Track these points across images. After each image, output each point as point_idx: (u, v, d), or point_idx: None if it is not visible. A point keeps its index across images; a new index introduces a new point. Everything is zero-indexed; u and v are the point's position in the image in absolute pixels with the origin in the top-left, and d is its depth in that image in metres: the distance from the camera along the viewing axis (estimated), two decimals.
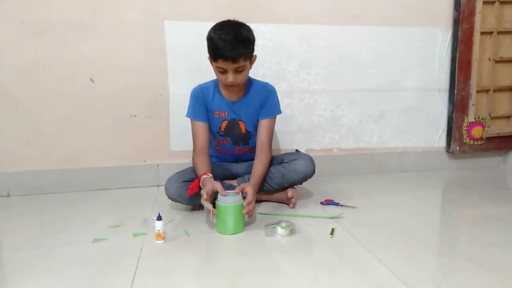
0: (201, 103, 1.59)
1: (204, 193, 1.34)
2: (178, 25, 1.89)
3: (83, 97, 1.86)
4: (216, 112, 1.60)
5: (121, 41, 1.86)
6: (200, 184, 1.42)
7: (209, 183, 1.38)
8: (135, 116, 1.92)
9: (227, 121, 1.62)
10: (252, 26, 1.51)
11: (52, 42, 1.80)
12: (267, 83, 1.65)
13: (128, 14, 1.85)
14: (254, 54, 1.50)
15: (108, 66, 1.86)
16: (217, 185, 1.37)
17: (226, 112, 1.60)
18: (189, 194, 1.45)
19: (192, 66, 1.92)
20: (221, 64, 1.42)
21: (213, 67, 1.49)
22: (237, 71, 1.44)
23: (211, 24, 1.92)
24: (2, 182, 1.84)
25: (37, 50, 1.80)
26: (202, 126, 1.58)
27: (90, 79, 1.86)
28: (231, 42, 1.39)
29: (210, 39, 1.44)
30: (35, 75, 1.81)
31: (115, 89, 1.88)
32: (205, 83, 1.63)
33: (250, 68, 1.52)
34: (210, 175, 1.43)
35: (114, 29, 1.85)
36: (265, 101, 1.60)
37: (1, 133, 1.83)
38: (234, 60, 1.40)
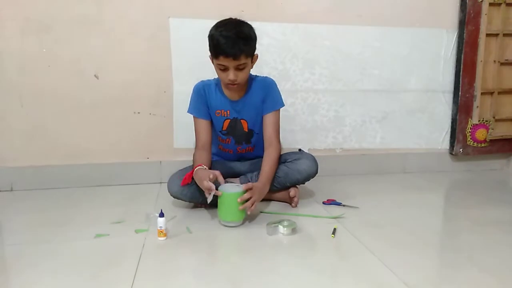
0: (202, 100, 1.59)
1: (204, 190, 1.35)
2: (182, 23, 1.90)
3: (87, 93, 1.87)
4: (218, 111, 1.60)
5: (125, 38, 1.86)
6: (193, 175, 1.42)
7: (203, 172, 1.38)
8: (138, 113, 1.93)
9: (229, 120, 1.61)
10: (257, 25, 1.50)
11: (57, 38, 1.81)
12: (266, 77, 1.64)
13: (133, 11, 1.85)
14: (256, 53, 1.50)
15: (113, 62, 1.87)
16: (210, 174, 1.36)
17: (228, 111, 1.60)
18: (182, 184, 1.45)
19: (196, 64, 1.91)
20: (222, 61, 1.42)
21: (214, 65, 1.49)
22: (238, 68, 1.44)
23: (216, 22, 1.93)
24: (5, 176, 1.84)
25: (42, 45, 1.80)
26: (204, 123, 1.58)
27: (95, 75, 1.86)
28: (232, 39, 1.38)
29: (211, 36, 1.44)
30: (40, 70, 1.82)
31: (119, 85, 1.89)
32: (208, 80, 1.62)
33: (252, 67, 1.52)
34: (206, 167, 1.44)
35: (119, 26, 1.85)
36: (266, 95, 1.59)
37: (5, 128, 1.83)
38: (235, 57, 1.40)
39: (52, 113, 1.86)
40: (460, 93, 2.14)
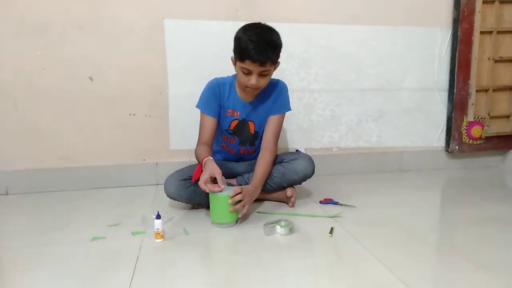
0: (215, 98, 1.58)
1: (201, 184, 1.35)
2: (177, 24, 1.89)
3: (82, 96, 1.86)
4: (229, 110, 1.60)
5: (120, 40, 1.85)
6: (202, 167, 1.42)
7: (210, 165, 1.39)
8: (134, 114, 1.92)
9: (237, 121, 1.61)
10: None
11: (51, 40, 1.80)
12: (279, 80, 1.64)
13: (127, 13, 1.84)
14: (278, 60, 1.49)
15: (108, 64, 1.86)
16: (217, 172, 1.37)
17: (238, 112, 1.60)
18: (193, 181, 1.45)
19: (191, 65, 1.92)
20: (248, 65, 1.41)
21: (236, 67, 1.48)
22: (261, 74, 1.44)
23: (211, 22, 1.93)
24: (0, 180, 1.83)
25: (36, 48, 1.79)
26: (211, 121, 1.57)
27: (89, 78, 1.85)
28: (261, 45, 1.38)
29: (238, 39, 1.43)
30: (34, 73, 1.81)
31: (115, 87, 1.88)
32: (222, 78, 1.61)
33: (272, 73, 1.51)
34: (211, 158, 1.44)
35: (114, 28, 1.84)
36: (276, 97, 1.60)
37: (0, 131, 1.82)
38: (261, 63, 1.40)
39: (47, 116, 1.85)
40: (455, 90, 2.15)
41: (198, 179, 1.41)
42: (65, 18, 1.79)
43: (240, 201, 1.37)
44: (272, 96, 1.60)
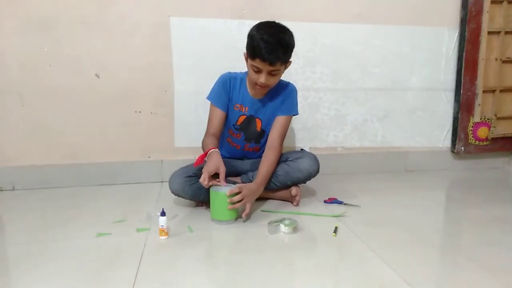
0: (226, 92, 1.60)
1: (204, 172, 1.36)
2: (183, 22, 1.89)
3: (88, 93, 1.87)
4: (237, 105, 1.61)
5: (126, 37, 1.86)
6: (206, 158, 1.43)
7: (216, 158, 1.40)
8: (140, 112, 1.93)
9: (245, 117, 1.62)
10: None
11: (58, 37, 1.81)
12: (289, 82, 1.66)
13: (133, 10, 1.85)
14: (289, 60, 1.50)
15: (114, 62, 1.87)
16: (221, 169, 1.38)
17: (246, 108, 1.61)
18: (195, 166, 1.47)
19: (197, 63, 1.92)
20: (258, 63, 1.43)
21: (247, 64, 1.50)
22: (271, 73, 1.45)
23: (217, 21, 1.93)
24: (7, 175, 1.85)
25: (43, 45, 1.80)
26: (219, 113, 1.59)
27: (96, 75, 1.86)
28: (272, 45, 1.39)
29: (251, 37, 1.44)
30: (41, 70, 1.82)
31: (120, 85, 1.89)
32: (235, 73, 1.63)
33: (283, 72, 1.52)
34: (218, 150, 1.45)
35: (120, 25, 1.85)
36: (285, 99, 1.62)
37: (7, 127, 1.84)
38: (271, 62, 1.41)
39: (53, 112, 1.86)
40: (461, 91, 2.14)
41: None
42: (72, 15, 1.80)
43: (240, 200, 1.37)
44: (281, 96, 1.61)
